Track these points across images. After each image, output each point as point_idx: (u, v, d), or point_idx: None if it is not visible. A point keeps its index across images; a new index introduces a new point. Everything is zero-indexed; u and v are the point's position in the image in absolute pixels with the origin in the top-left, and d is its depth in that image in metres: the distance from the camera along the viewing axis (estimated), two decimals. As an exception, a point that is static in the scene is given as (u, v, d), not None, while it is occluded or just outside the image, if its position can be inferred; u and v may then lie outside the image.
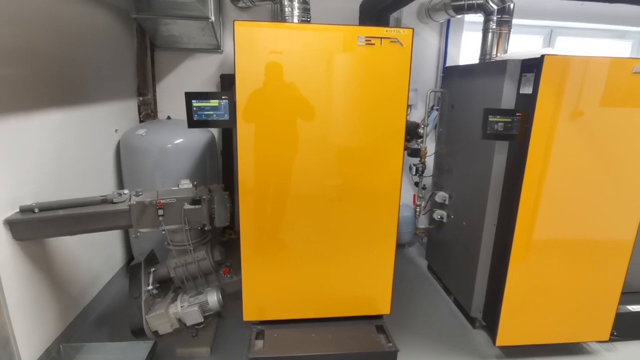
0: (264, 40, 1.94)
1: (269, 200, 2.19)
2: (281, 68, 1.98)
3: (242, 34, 1.90)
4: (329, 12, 3.59)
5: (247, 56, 1.94)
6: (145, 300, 2.35)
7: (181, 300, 2.37)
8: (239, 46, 1.91)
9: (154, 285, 2.39)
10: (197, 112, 1.96)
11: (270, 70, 1.98)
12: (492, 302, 2.59)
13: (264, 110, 2.04)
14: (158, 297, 2.42)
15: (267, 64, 1.97)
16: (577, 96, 2.16)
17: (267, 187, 2.16)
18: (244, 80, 1.97)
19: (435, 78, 4.09)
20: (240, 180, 2.11)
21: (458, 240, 3.00)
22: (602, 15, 4.04)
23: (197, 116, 1.96)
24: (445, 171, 3.30)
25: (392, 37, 1.97)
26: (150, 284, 2.41)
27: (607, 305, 2.51)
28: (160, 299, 2.43)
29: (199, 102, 1.94)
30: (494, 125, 2.23)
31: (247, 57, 1.94)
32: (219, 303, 2.36)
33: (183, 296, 2.40)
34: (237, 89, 1.96)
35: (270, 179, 2.15)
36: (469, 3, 3.15)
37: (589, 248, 2.41)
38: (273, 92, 2.01)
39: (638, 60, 2.19)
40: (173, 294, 2.48)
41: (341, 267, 2.34)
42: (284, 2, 2.92)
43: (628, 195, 2.34)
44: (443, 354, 2.53)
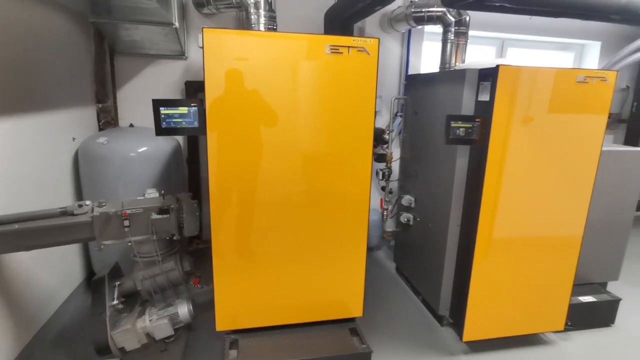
0: (235, 48, 1.94)
1: (241, 208, 2.17)
2: (252, 76, 1.99)
3: (211, 41, 1.89)
4: (294, 20, 3.64)
5: (217, 63, 1.93)
6: (110, 315, 2.24)
7: (149, 313, 2.29)
8: (209, 53, 1.90)
9: (119, 300, 2.29)
10: (166, 120, 1.92)
11: (241, 77, 1.98)
12: (458, 300, 2.70)
13: (235, 118, 2.03)
14: (124, 312, 2.32)
15: (237, 72, 1.97)
16: (528, 103, 2.32)
17: (238, 195, 2.15)
18: (214, 88, 1.96)
19: (398, 85, 4.24)
20: (212, 188, 2.08)
21: (425, 241, 3.10)
22: (548, 28, 4.38)
23: (166, 124, 1.92)
24: (410, 175, 3.42)
25: (359, 46, 2.04)
26: (115, 298, 2.30)
27: (561, 297, 2.69)
28: (126, 314, 2.33)
29: (167, 110, 1.90)
30: (456, 131, 2.35)
31: (217, 64, 1.93)
32: (190, 314, 2.30)
33: (151, 309, 2.32)
34: (207, 96, 1.94)
35: (241, 187, 2.14)
36: (429, 15, 3.31)
37: (543, 244, 2.58)
38: (244, 99, 2.01)
39: (581, 70, 2.40)
40: (140, 308, 2.38)
41: (314, 272, 2.35)
42: (250, 9, 2.94)
43: (575, 194, 2.54)
44: (413, 353, 2.61)
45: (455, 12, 3.18)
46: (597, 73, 2.38)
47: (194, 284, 2.47)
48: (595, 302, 2.94)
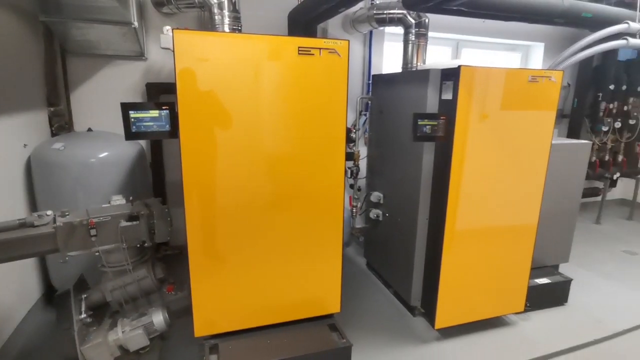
0: (207, 50, 1.91)
1: (215, 211, 2.14)
2: (225, 77, 1.97)
3: (182, 43, 1.85)
4: (258, 21, 3.61)
5: (189, 66, 1.90)
6: (79, 330, 2.13)
7: (122, 324, 2.20)
8: (180, 55, 1.86)
9: (87, 313, 2.19)
10: (135, 124, 1.86)
11: (213, 80, 1.95)
12: (428, 290, 2.82)
13: (208, 121, 2.00)
14: (92, 326, 2.22)
15: (210, 74, 1.94)
16: (487, 101, 2.47)
17: (213, 198, 2.11)
18: (186, 91, 1.92)
19: (362, 85, 4.34)
20: (186, 192, 2.04)
21: (394, 236, 3.21)
22: (499, 31, 4.65)
23: (136, 128, 1.86)
24: (378, 172, 3.52)
25: (330, 47, 2.08)
26: (82, 311, 2.20)
27: (520, 280, 2.90)
28: (96, 327, 2.22)
29: (137, 113, 1.84)
30: (423, 128, 2.46)
31: (189, 66, 1.90)
32: (165, 322, 2.24)
33: (123, 320, 2.23)
34: (179, 99, 1.90)
35: (216, 190, 2.11)
36: (390, 16, 3.42)
37: (504, 233, 2.76)
38: (217, 102, 1.99)
39: (532, 70, 2.60)
40: (110, 320, 2.28)
41: (291, 272, 2.37)
42: (214, 10, 2.90)
43: (530, 185, 2.74)
44: (389, 343, 2.70)
45: (415, 15, 3.31)
46: (545, 73, 2.58)
47: (167, 290, 2.40)
48: (549, 283, 3.19)
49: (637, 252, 4.53)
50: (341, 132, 2.29)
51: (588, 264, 4.09)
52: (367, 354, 2.57)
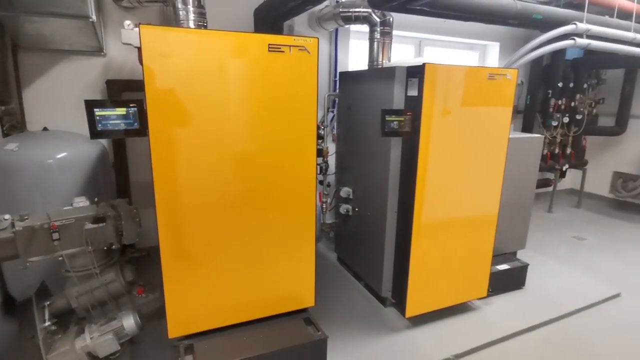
0: (176, 46, 1.88)
1: (187, 210, 2.11)
2: (195, 74, 1.94)
3: (149, 38, 1.81)
4: (223, 17, 3.55)
5: (157, 62, 1.85)
6: (44, 338, 2.04)
7: (90, 331, 2.12)
8: (147, 51, 1.81)
9: (52, 321, 2.10)
10: (101, 122, 1.79)
11: (183, 76, 1.92)
12: (399, 280, 2.92)
13: (177, 118, 1.96)
14: (58, 334, 2.13)
15: (179, 71, 1.91)
16: (450, 97, 2.59)
17: (184, 197, 2.08)
18: (154, 88, 1.87)
19: (329, 82, 4.39)
20: (157, 191, 1.99)
21: (364, 230, 3.29)
22: (459, 30, 4.85)
23: (102, 126, 1.80)
24: (347, 168, 3.58)
25: (300, 45, 2.10)
26: (46, 319, 2.10)
27: (483, 267, 3.06)
28: (61, 334, 2.13)
29: (102, 111, 1.78)
30: (391, 124, 2.54)
31: (158, 63, 1.85)
32: (137, 326, 2.18)
33: (91, 326, 2.15)
34: (147, 96, 1.85)
35: (187, 189, 2.07)
36: (356, 15, 3.48)
37: (467, 223, 2.91)
38: (187, 99, 1.96)
39: (491, 68, 2.74)
40: (77, 327, 2.20)
41: (265, 268, 2.37)
42: (178, 5, 2.82)
43: (490, 177, 2.90)
44: (362, 334, 2.78)
45: (380, 13, 3.39)
46: (502, 71, 2.74)
47: (138, 293, 2.34)
48: (509, 269, 3.39)
49: (585, 237, 4.90)
50: (312, 129, 2.32)
51: (542, 249, 4.38)
52: (342, 345, 2.63)
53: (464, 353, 2.63)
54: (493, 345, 2.74)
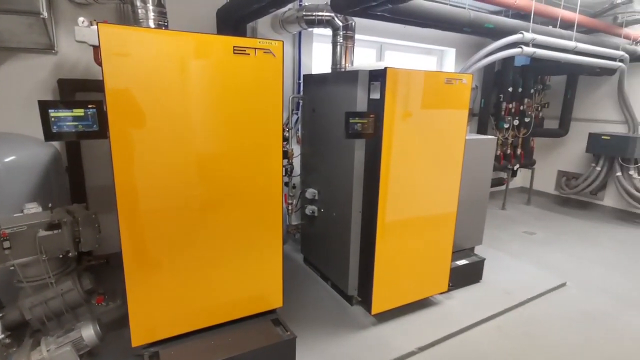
0: (136, 46, 1.83)
1: (150, 215, 2.05)
2: (158, 75, 1.90)
3: (109, 38, 1.75)
4: (184, 17, 3.49)
5: (118, 62, 1.80)
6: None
7: (46, 343, 2.01)
8: (107, 51, 1.75)
9: (5, 334, 1.97)
10: (57, 124, 1.71)
11: (145, 77, 1.87)
12: (364, 279, 2.99)
13: (139, 120, 1.91)
14: (12, 347, 2.00)
15: (141, 71, 1.86)
16: (410, 100, 2.69)
17: (147, 202, 2.02)
18: (114, 89, 1.81)
19: (293, 84, 4.41)
20: (119, 196, 1.92)
21: (330, 230, 3.34)
22: (418, 36, 5.04)
23: (57, 127, 1.71)
24: (312, 169, 3.62)
25: (265, 47, 2.11)
26: None
27: (444, 263, 3.20)
28: (16, 348, 2.01)
29: (58, 112, 1.70)
30: (354, 126, 2.60)
31: (118, 62, 1.80)
32: (97, 336, 2.09)
33: (47, 339, 2.04)
34: (107, 97, 1.79)
35: (149, 193, 2.02)
36: (319, 18, 3.53)
37: (429, 221, 3.03)
38: (149, 100, 1.91)
39: (448, 73, 2.88)
40: (32, 340, 2.08)
41: (232, 271, 2.35)
42: (137, 3, 2.74)
43: (448, 177, 3.04)
44: (329, 332, 2.82)
45: (342, 18, 3.47)
46: (458, 76, 2.89)
47: (97, 302, 2.24)
48: (468, 264, 3.57)
49: (534, 232, 5.24)
50: (278, 131, 2.33)
51: (497, 245, 4.64)
52: (311, 344, 2.66)
53: (428, 345, 2.74)
54: (454, 336, 2.88)
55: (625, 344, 2.88)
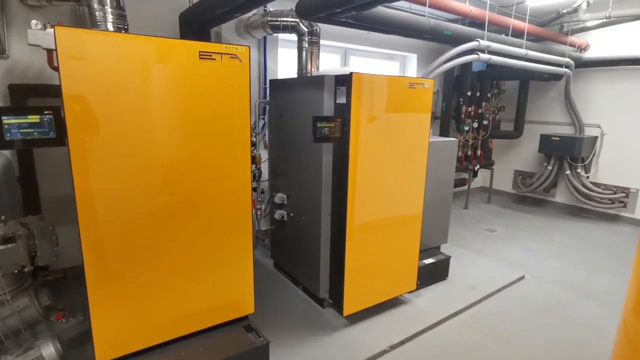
0: (97, 49, 1.77)
1: (113, 225, 1.97)
2: (120, 80, 1.84)
3: (66, 41, 1.69)
4: (145, 20, 3.40)
5: (76, 66, 1.73)
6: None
7: (1, 365, 1.89)
8: (64, 55, 1.68)
9: (-46, 358, 1.83)
10: (10, 131, 1.62)
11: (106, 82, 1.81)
12: (335, 281, 3.02)
13: (100, 127, 1.84)
14: (-38, 372, 1.86)
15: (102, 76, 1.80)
16: (376, 104, 2.77)
17: (109, 212, 1.95)
18: (72, 94, 1.74)
19: (259, 89, 4.40)
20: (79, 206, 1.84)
21: (300, 234, 3.35)
22: (381, 42, 5.18)
23: (11, 135, 1.62)
24: (280, 174, 3.62)
25: (231, 53, 2.10)
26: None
27: (412, 263, 3.29)
28: (-34, 372, 1.87)
29: (11, 119, 1.61)
30: (322, 130, 2.64)
31: (76, 67, 1.73)
32: (58, 354, 1.98)
33: (7, 358, 1.91)
34: (65, 103, 1.72)
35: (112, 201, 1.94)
36: (284, 24, 3.55)
37: (396, 222, 3.11)
38: (111, 106, 1.85)
39: (411, 78, 2.98)
40: (-15, 362, 1.94)
41: (201, 279, 2.31)
42: (94, 5, 2.65)
43: (414, 178, 3.14)
44: (302, 336, 2.82)
45: (307, 23, 3.51)
46: (421, 80, 2.99)
47: (56, 318, 2.13)
48: (434, 262, 3.68)
49: (495, 229, 5.50)
50: (245, 137, 2.32)
51: (461, 243, 4.83)
52: (284, 349, 2.65)
53: (399, 343, 2.81)
54: (423, 333, 2.96)
55: (577, 330, 3.08)
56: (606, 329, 3.07)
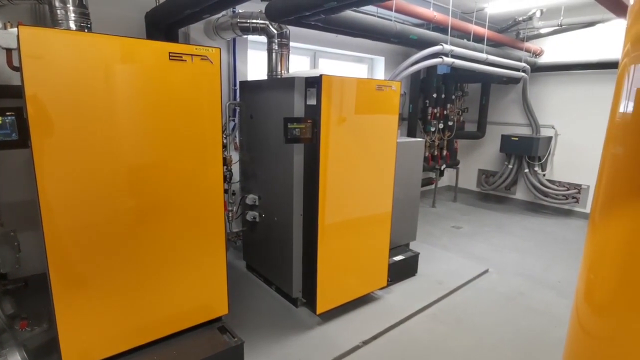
0: (60, 49, 1.73)
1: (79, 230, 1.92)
2: (86, 80, 1.81)
3: (30, 40, 1.64)
4: (109, 19, 3.32)
5: (39, 66, 1.68)
6: None
7: (-41, 378, 1.80)
8: (27, 55, 1.64)
9: None
10: (-31, 133, 1.56)
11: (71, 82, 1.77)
12: (308, 280, 3.06)
13: (65, 129, 1.80)
14: None
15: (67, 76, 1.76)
16: (345, 106, 2.84)
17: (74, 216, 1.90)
18: (35, 95, 1.69)
19: (229, 91, 4.38)
20: (43, 210, 1.79)
21: (272, 234, 3.37)
22: (349, 44, 5.27)
23: (-30, 137, 1.56)
24: (251, 175, 3.62)
25: (202, 54, 2.10)
26: None
27: (382, 260, 3.39)
28: None
29: (-30, 120, 1.55)
30: (293, 131, 2.68)
31: (40, 67, 1.69)
32: (23, 364, 1.92)
33: (-38, 372, 1.83)
34: (28, 104, 1.67)
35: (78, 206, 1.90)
36: (254, 26, 3.57)
37: (367, 221, 3.19)
38: (76, 107, 1.81)
39: (379, 80, 3.08)
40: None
41: (172, 283, 2.29)
42: (55, 3, 2.58)
43: (383, 178, 3.24)
44: (277, 335, 2.85)
45: (277, 25, 3.54)
46: (388, 83, 3.10)
47: (21, 327, 2.05)
48: (404, 259, 3.80)
49: (461, 226, 5.72)
50: (217, 138, 2.33)
51: (429, 239, 5.00)
52: (258, 348, 2.67)
53: (371, 338, 2.89)
54: (394, 327, 3.06)
55: (536, 318, 3.27)
56: (562, 316, 3.28)
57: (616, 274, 1.31)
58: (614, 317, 1.32)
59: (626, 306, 1.26)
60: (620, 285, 1.30)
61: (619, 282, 1.31)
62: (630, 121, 1.23)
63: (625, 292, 1.28)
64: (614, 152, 1.31)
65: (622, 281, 1.29)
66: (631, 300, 1.24)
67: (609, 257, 1.35)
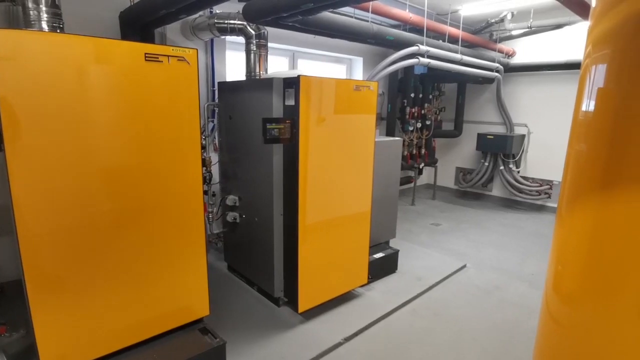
0: (33, 50, 1.69)
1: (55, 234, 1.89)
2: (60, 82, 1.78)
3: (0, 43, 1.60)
4: (82, 19, 3.25)
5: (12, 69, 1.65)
6: None
7: None
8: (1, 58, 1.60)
9: None
10: (-64, 136, 1.51)
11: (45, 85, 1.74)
12: (289, 279, 3.08)
13: (39, 131, 1.76)
14: None
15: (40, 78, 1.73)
16: (323, 106, 2.87)
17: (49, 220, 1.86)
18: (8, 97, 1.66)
19: (207, 92, 4.35)
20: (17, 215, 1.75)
21: (253, 235, 3.37)
22: (328, 45, 5.32)
23: (-64, 141, 1.51)
24: (231, 176, 3.61)
25: (178, 55, 2.09)
26: None
27: (362, 258, 3.44)
28: None
29: (-64, 123, 1.50)
30: (272, 132, 2.70)
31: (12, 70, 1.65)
32: (-3, 372, 1.87)
33: None
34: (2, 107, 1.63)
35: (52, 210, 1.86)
36: (231, 26, 3.56)
37: (346, 220, 3.23)
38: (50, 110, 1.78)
39: (356, 81, 3.12)
40: None
41: (152, 285, 2.27)
42: (28, 4, 2.53)
43: (362, 176, 3.29)
44: (259, 335, 2.86)
45: (255, 26, 3.54)
46: (366, 83, 3.15)
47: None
48: (384, 256, 3.87)
49: (440, 223, 5.85)
50: (195, 140, 2.32)
51: (409, 237, 5.09)
52: (240, 349, 2.67)
53: (353, 334, 2.93)
54: (375, 323, 3.11)
55: (511, 310, 3.39)
56: (535, 307, 3.41)
57: (582, 264, 1.38)
58: (581, 305, 1.38)
59: (592, 295, 1.33)
60: (586, 276, 1.37)
61: (584, 272, 1.37)
62: (592, 119, 1.30)
63: (590, 282, 1.34)
64: (577, 149, 1.38)
65: (588, 271, 1.36)
66: (596, 289, 1.31)
67: (575, 248, 1.41)
